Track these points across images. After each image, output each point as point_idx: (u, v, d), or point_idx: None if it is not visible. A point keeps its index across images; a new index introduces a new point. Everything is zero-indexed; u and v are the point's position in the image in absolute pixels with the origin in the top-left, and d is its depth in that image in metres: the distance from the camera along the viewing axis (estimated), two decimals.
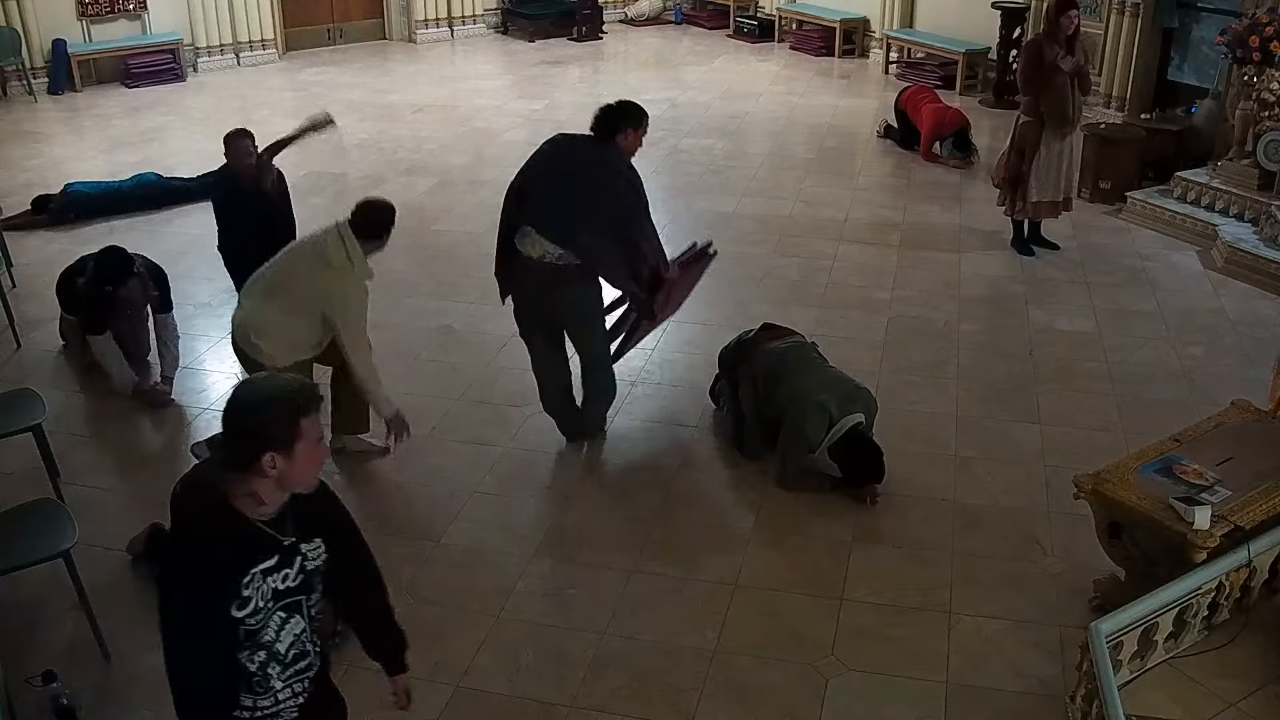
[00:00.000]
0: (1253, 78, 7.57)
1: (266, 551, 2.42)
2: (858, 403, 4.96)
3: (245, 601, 2.38)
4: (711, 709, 3.85)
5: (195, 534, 2.44)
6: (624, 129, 4.95)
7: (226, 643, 2.41)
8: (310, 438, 2.38)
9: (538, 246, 4.87)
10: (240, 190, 5.99)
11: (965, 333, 6.46)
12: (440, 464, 5.22)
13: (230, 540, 2.38)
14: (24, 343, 6.29)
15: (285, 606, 2.48)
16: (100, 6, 11.57)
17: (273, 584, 2.43)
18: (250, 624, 2.41)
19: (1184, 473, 3.97)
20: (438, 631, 4.14)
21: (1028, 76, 7.11)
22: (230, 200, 6.07)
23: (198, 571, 2.37)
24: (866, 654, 4.07)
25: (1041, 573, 4.50)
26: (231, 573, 2.37)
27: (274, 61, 12.58)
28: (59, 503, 4.52)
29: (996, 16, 10.88)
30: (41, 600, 4.26)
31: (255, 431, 2.33)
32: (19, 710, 3.72)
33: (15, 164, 9.28)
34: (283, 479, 2.37)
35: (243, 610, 2.38)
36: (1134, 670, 3.51)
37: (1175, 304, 6.81)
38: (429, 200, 8.57)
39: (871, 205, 8.43)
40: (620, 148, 4.95)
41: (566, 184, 4.88)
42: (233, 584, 2.36)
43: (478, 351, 6.24)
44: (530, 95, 11.58)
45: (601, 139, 4.95)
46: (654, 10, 15.10)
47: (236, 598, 2.37)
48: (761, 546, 4.67)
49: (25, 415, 4.84)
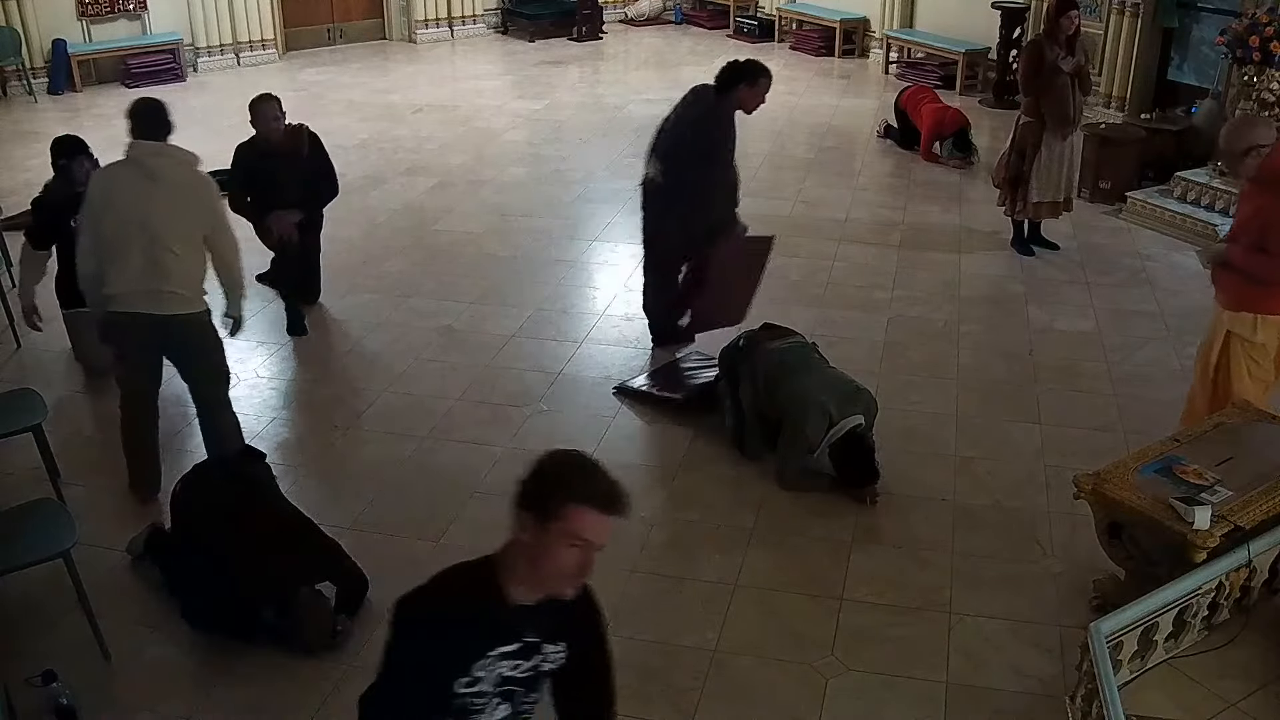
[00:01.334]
0: (1253, 78, 7.57)
1: (512, 638, 2.29)
2: (857, 404, 4.96)
3: (473, 681, 2.26)
4: (711, 709, 3.84)
5: (449, 607, 2.28)
6: (737, 84, 5.62)
7: (438, 711, 2.29)
8: (573, 529, 2.15)
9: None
10: (273, 157, 5.98)
11: (965, 333, 6.47)
12: (440, 464, 5.22)
13: (481, 622, 2.24)
14: (24, 343, 6.29)
15: (503, 693, 2.34)
16: (100, 6, 11.57)
17: (503, 669, 2.30)
18: (469, 702, 2.28)
19: (1184, 473, 3.97)
20: None
21: (1028, 77, 7.11)
22: (263, 169, 6.08)
23: (439, 645, 2.25)
24: (866, 654, 4.07)
25: (1041, 573, 4.50)
26: (471, 655, 2.26)
27: (274, 61, 12.58)
28: (59, 503, 4.52)
29: (996, 16, 10.88)
30: (41, 600, 4.26)
31: (525, 483, 2.21)
32: (19, 710, 3.72)
33: (15, 164, 9.29)
34: (533, 564, 2.20)
35: (466, 688, 2.27)
36: (1134, 670, 3.51)
37: (1175, 304, 6.80)
38: (429, 200, 8.57)
39: (871, 205, 8.43)
40: (733, 100, 5.66)
41: (667, 118, 5.83)
42: (468, 663, 2.26)
43: (478, 351, 6.24)
44: (530, 95, 11.58)
45: (718, 90, 5.67)
46: (654, 10, 15.10)
47: (465, 675, 2.26)
48: (761, 546, 4.67)
49: (25, 415, 4.83)
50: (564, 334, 6.48)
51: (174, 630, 4.14)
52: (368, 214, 8.27)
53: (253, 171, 6.17)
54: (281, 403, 5.82)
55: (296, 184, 6.17)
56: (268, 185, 6.10)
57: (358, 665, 4.01)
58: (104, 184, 4.58)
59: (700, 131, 5.73)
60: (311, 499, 4.73)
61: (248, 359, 6.22)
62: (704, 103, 5.75)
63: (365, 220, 8.15)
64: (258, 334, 6.49)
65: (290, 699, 3.87)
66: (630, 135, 9.99)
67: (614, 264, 7.42)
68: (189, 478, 4.41)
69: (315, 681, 3.93)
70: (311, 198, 6.35)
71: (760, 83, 5.65)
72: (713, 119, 5.74)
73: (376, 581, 4.32)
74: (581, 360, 6.18)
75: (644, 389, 5.76)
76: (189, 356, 4.78)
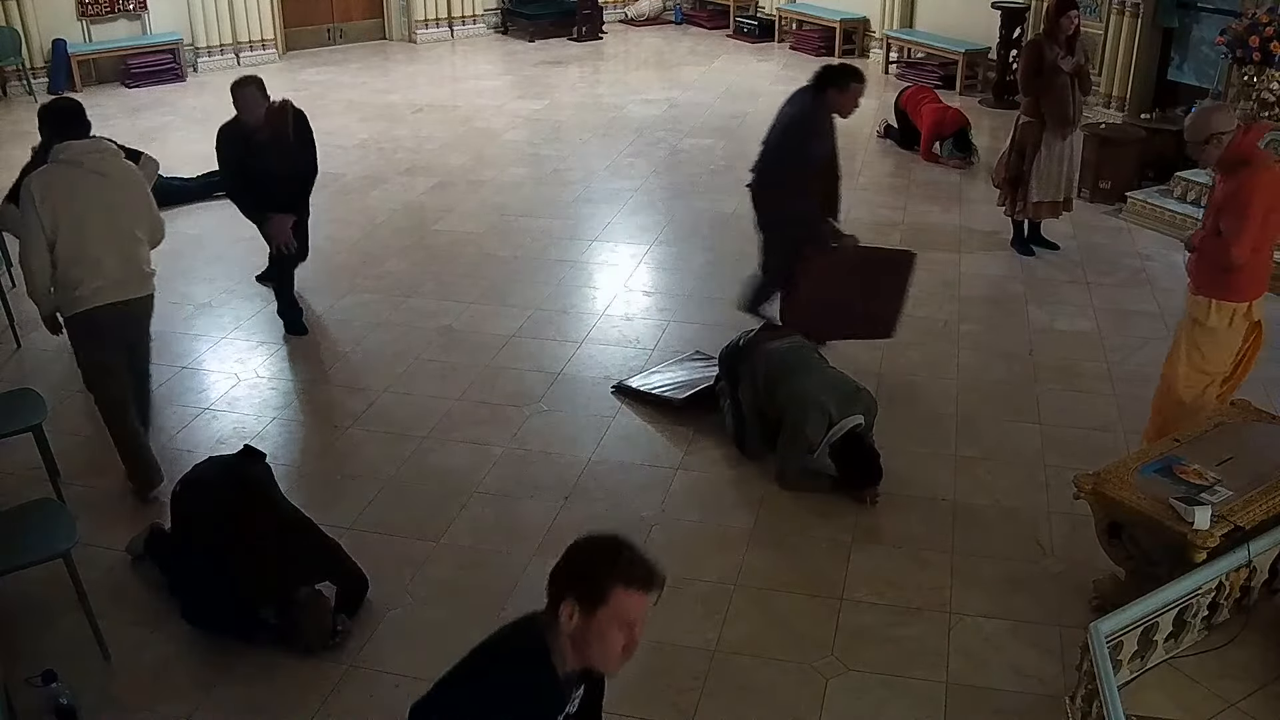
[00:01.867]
0: (1253, 78, 7.57)
1: (566, 704, 2.40)
2: (857, 404, 4.96)
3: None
4: (711, 709, 3.85)
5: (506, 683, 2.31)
6: (827, 87, 5.69)
7: None
8: (622, 613, 2.21)
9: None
10: (258, 141, 5.98)
11: (965, 333, 6.47)
12: (440, 464, 5.23)
13: (542, 701, 2.30)
14: (24, 343, 6.30)
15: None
16: (100, 6, 11.57)
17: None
18: None
19: (1184, 473, 3.97)
20: (438, 631, 4.13)
21: (1028, 77, 7.11)
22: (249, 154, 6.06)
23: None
24: (866, 654, 4.07)
25: (1041, 573, 4.50)
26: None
27: (274, 61, 12.57)
28: (59, 503, 4.53)
29: (996, 16, 10.88)
30: (41, 600, 4.26)
31: (564, 570, 2.23)
32: (19, 710, 3.73)
33: (15, 164, 9.23)
34: (580, 646, 2.24)
35: None
36: (1134, 670, 3.51)
37: (1175, 304, 6.77)
38: (429, 200, 8.57)
39: (871, 205, 8.43)
40: (826, 101, 5.72)
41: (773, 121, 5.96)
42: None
43: (478, 351, 6.24)
44: (530, 95, 11.58)
45: (815, 91, 5.75)
46: (654, 10, 15.10)
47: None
48: (761, 546, 4.67)
49: (25, 415, 4.83)
50: (564, 334, 6.48)
51: (174, 630, 4.14)
52: (368, 214, 8.27)
53: (243, 165, 6.12)
54: (282, 403, 5.82)
55: (287, 171, 6.14)
56: (263, 176, 6.07)
57: (358, 665, 4.02)
58: (52, 188, 4.58)
59: (793, 128, 5.77)
60: (311, 499, 4.73)
61: (248, 359, 6.23)
62: (801, 97, 5.82)
63: (365, 220, 8.15)
64: (258, 334, 6.49)
65: (290, 699, 3.87)
66: (630, 135, 10.00)
67: (614, 264, 7.42)
68: (189, 478, 4.40)
69: (315, 681, 3.93)
70: (301, 185, 6.32)
71: (851, 87, 5.68)
72: (806, 112, 5.77)
73: (376, 581, 4.33)
74: (581, 360, 6.19)
75: (643, 389, 5.76)
76: (143, 332, 5.05)
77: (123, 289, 4.74)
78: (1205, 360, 4.79)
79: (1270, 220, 4.56)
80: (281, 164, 6.09)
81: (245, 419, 5.64)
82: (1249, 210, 4.47)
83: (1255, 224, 4.48)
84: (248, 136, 6.03)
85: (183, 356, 6.20)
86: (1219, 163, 4.61)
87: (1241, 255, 4.51)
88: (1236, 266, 4.56)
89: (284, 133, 6.08)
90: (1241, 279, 4.64)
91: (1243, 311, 4.71)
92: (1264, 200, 4.48)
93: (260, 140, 6.01)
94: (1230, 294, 4.66)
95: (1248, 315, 4.74)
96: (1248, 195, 4.48)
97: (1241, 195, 4.49)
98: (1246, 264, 4.57)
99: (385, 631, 4.18)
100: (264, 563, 4.03)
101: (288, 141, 6.11)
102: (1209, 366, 4.80)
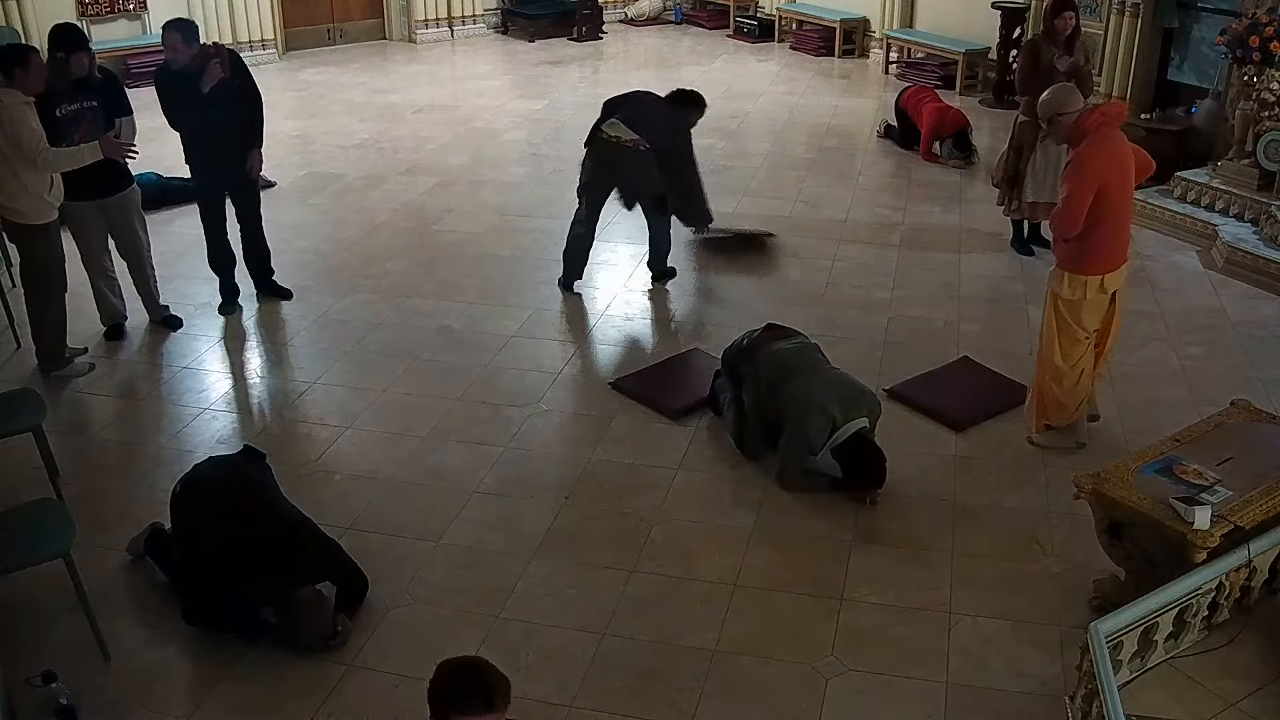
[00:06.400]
0: (1253, 78, 7.57)
1: None
2: (862, 406, 4.95)
3: None
4: (711, 709, 3.85)
5: None
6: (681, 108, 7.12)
7: None
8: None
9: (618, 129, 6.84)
10: (189, 90, 5.92)
11: (965, 333, 6.46)
12: (440, 464, 5.22)
13: None
14: (24, 343, 6.29)
15: None
16: (100, 6, 11.58)
17: None
18: None
19: (1184, 473, 3.97)
20: (438, 631, 4.14)
21: (1025, 77, 7.11)
22: (184, 104, 6.02)
23: None
24: (866, 654, 4.07)
25: (1041, 573, 4.50)
26: None
27: (274, 61, 12.57)
28: (59, 503, 4.53)
29: (996, 16, 10.88)
30: (41, 600, 4.26)
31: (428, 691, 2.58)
32: (19, 710, 3.73)
33: None
34: None
35: None
36: (1134, 670, 3.51)
37: (1175, 304, 6.80)
38: (429, 200, 8.57)
39: (871, 205, 8.43)
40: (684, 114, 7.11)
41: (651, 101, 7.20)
42: None
43: (478, 351, 6.24)
44: (530, 95, 11.58)
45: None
46: (654, 10, 15.10)
47: None
48: (761, 546, 4.67)
49: (25, 415, 4.83)
50: (564, 334, 6.48)
51: (174, 630, 4.14)
52: (368, 214, 8.27)
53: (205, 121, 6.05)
54: (281, 402, 5.82)
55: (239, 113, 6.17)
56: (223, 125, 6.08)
57: (358, 665, 4.02)
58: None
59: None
60: (311, 499, 4.73)
61: (247, 359, 6.23)
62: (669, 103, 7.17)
63: (365, 220, 8.15)
64: (258, 334, 6.50)
65: (290, 699, 3.87)
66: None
67: (614, 264, 7.42)
68: (189, 477, 4.40)
69: (315, 681, 3.93)
70: (252, 122, 6.33)
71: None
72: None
73: (376, 581, 4.33)
74: (581, 360, 6.18)
75: (640, 394, 5.73)
76: None
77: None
78: (1070, 327, 5.08)
79: (1114, 194, 4.81)
80: (233, 109, 6.11)
81: (244, 419, 5.64)
82: (1078, 177, 4.73)
83: (1085, 190, 4.72)
84: (198, 93, 5.93)
85: (183, 356, 6.19)
86: (1066, 138, 4.95)
87: (1071, 221, 4.78)
88: (1070, 233, 4.82)
89: (226, 79, 6.03)
90: (1096, 252, 4.88)
91: (1096, 285, 4.95)
92: (1096, 169, 4.76)
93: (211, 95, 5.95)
94: (1085, 267, 4.92)
95: (1102, 289, 4.98)
96: (1078, 162, 4.77)
97: (1074, 162, 4.81)
98: (1099, 238, 4.83)
99: (385, 631, 4.17)
100: (264, 563, 4.03)
101: (232, 84, 6.09)
102: (1078, 332, 5.09)
